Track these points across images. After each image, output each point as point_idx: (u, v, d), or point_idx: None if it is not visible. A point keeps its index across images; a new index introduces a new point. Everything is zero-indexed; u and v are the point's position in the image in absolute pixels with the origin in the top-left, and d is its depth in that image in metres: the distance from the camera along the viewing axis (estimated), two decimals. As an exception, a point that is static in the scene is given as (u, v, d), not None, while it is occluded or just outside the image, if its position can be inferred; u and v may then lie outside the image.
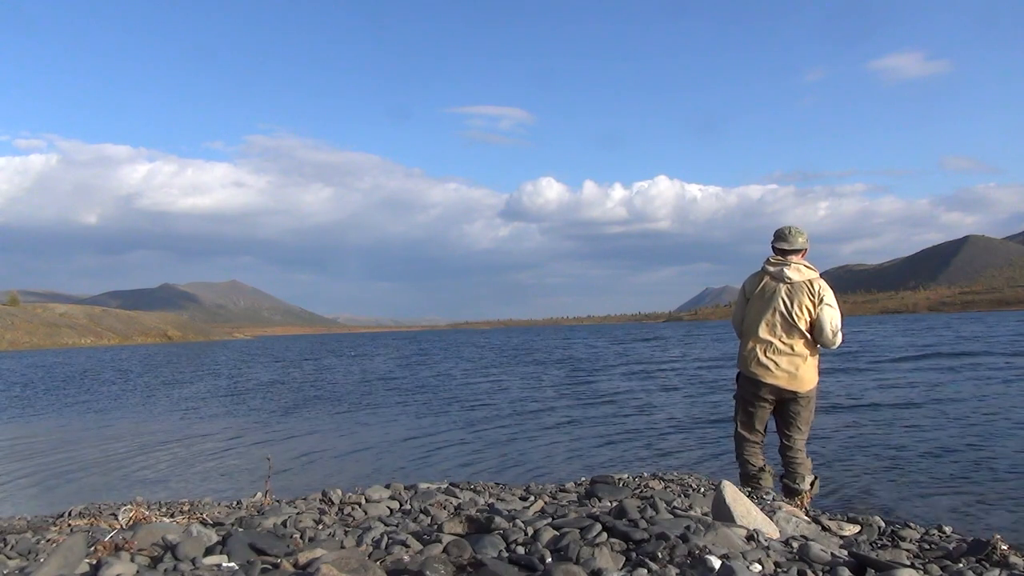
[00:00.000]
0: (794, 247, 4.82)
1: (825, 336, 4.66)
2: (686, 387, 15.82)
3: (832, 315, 4.67)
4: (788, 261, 4.79)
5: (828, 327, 4.64)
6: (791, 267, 4.75)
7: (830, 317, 4.65)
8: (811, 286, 4.70)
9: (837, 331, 4.67)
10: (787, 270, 4.74)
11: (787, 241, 4.83)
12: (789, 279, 4.71)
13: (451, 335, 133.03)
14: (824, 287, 4.71)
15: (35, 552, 2.91)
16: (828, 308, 4.66)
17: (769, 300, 4.78)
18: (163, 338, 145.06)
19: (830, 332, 4.65)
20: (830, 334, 4.66)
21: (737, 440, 4.98)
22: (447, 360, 33.24)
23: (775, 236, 4.91)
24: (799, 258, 4.82)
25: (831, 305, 4.68)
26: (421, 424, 11.81)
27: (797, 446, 4.83)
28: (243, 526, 3.48)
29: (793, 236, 4.83)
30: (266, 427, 12.35)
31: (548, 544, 2.59)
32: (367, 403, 15.49)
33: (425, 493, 4.69)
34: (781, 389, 4.74)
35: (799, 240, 4.82)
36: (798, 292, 4.70)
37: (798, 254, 4.83)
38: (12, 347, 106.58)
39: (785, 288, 4.73)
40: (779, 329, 4.73)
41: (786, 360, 4.71)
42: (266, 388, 21.01)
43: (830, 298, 4.69)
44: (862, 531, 3.62)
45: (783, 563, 2.48)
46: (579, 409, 12.71)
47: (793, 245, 4.81)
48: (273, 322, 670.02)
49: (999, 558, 2.81)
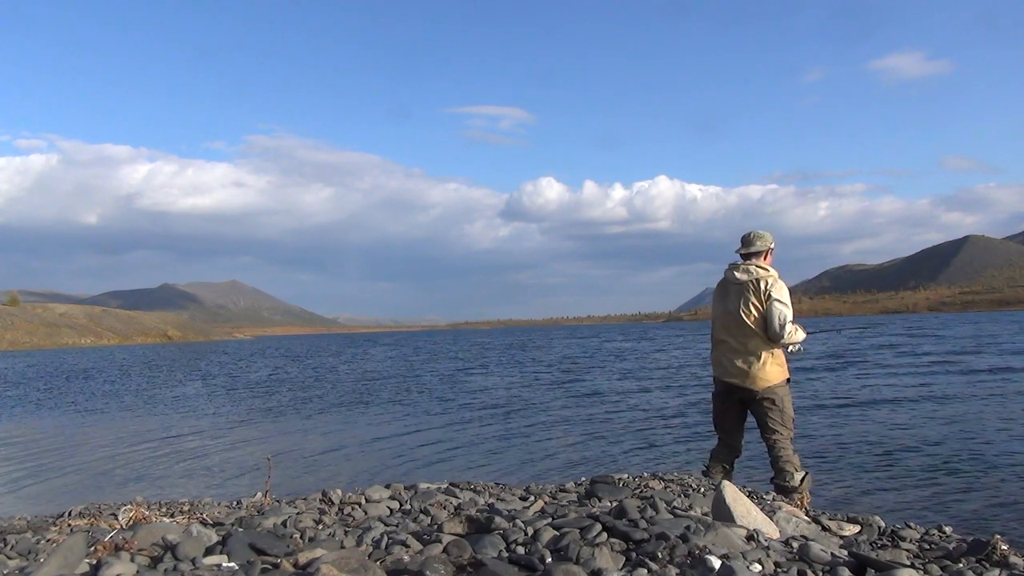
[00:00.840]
0: (751, 250, 5.02)
1: (772, 330, 4.83)
2: (685, 387, 15.82)
3: (779, 310, 4.83)
4: (744, 264, 5.02)
5: (776, 321, 4.81)
6: (740, 269, 4.98)
7: (777, 312, 4.82)
8: (760, 284, 4.90)
9: (784, 324, 4.81)
10: (737, 272, 4.97)
11: (745, 245, 5.05)
12: (738, 280, 4.95)
13: (451, 335, 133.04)
14: (773, 284, 4.90)
15: (35, 552, 2.91)
16: (776, 303, 4.84)
17: (723, 302, 5.05)
18: (163, 338, 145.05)
19: (777, 326, 4.81)
20: (777, 327, 4.81)
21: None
22: (446, 360, 33.25)
23: (740, 241, 5.13)
24: (760, 260, 5.02)
25: (779, 300, 4.85)
26: (421, 424, 11.81)
27: (776, 445, 4.93)
28: (243, 526, 3.48)
29: (751, 240, 5.03)
30: (265, 427, 12.36)
31: (548, 544, 2.59)
32: (367, 403, 15.49)
33: (425, 493, 4.69)
34: (739, 388, 4.94)
35: (757, 243, 5.02)
36: (747, 291, 4.91)
37: (758, 256, 5.03)
38: (12, 347, 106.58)
39: (736, 289, 4.96)
40: (732, 329, 4.96)
41: (740, 359, 4.91)
42: (266, 388, 21.01)
43: (778, 293, 4.86)
44: (862, 531, 3.62)
45: (783, 563, 2.48)
46: (579, 409, 12.71)
47: (750, 248, 5.02)
48: (273, 322, 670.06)
49: (999, 558, 2.81)
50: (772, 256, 5.11)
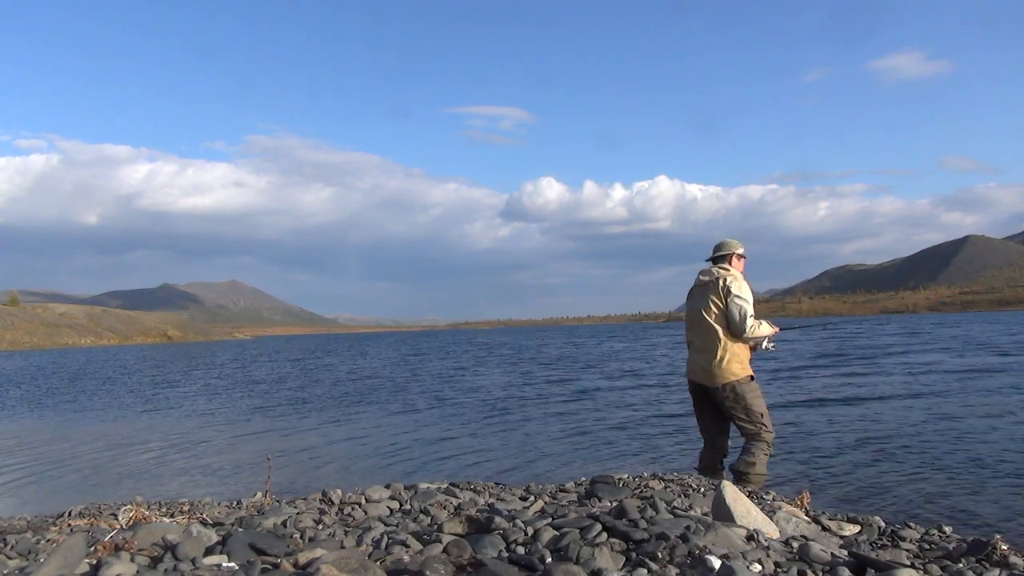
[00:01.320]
0: (717, 255, 5.34)
1: (734, 325, 5.08)
2: (685, 387, 15.80)
3: (738, 304, 5.07)
4: (710, 267, 5.34)
5: (736, 315, 5.06)
6: (705, 272, 5.28)
7: (736, 307, 5.06)
8: (720, 282, 5.15)
9: (744, 318, 5.04)
10: (702, 275, 5.30)
11: (714, 252, 5.39)
12: (702, 282, 5.26)
13: (451, 335, 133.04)
14: (733, 281, 5.14)
15: (35, 552, 2.91)
16: (734, 299, 5.08)
17: (690, 304, 5.38)
18: (163, 338, 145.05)
19: (737, 319, 5.05)
20: (737, 320, 5.05)
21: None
22: (445, 360, 33.25)
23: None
24: (726, 263, 5.31)
25: (738, 296, 5.08)
26: (420, 424, 11.81)
27: (745, 437, 5.13)
28: (243, 526, 3.48)
29: (720, 246, 5.37)
30: (265, 427, 12.35)
31: (548, 544, 2.59)
32: (366, 403, 15.49)
33: (425, 493, 4.69)
34: (701, 385, 5.25)
35: (723, 249, 5.35)
36: (708, 291, 5.18)
37: (725, 260, 5.33)
38: (12, 347, 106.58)
39: (699, 290, 5.27)
40: (697, 329, 5.26)
41: (701, 357, 5.21)
42: (265, 388, 21.01)
43: (737, 289, 5.10)
44: (862, 531, 3.62)
45: (783, 563, 2.48)
46: (578, 409, 12.71)
47: (717, 253, 5.36)
48: (273, 322, 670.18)
49: (999, 558, 2.82)
50: (741, 262, 5.40)
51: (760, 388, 5.26)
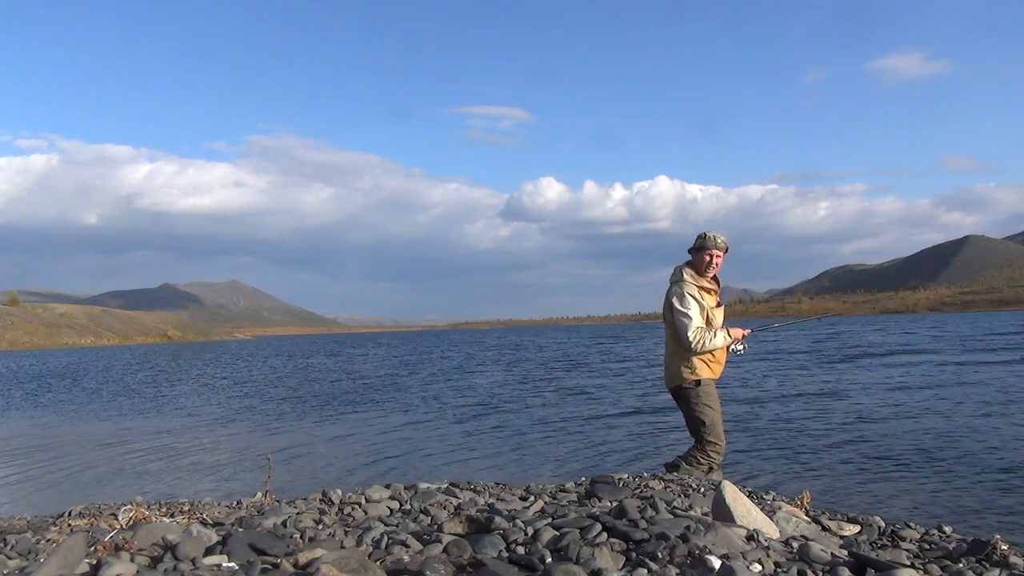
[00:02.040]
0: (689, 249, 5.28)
1: (683, 343, 5.01)
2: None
3: (679, 323, 5.00)
4: (673, 268, 5.29)
5: (680, 334, 5.01)
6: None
7: (680, 325, 5.00)
8: (668, 290, 5.19)
9: (689, 338, 4.94)
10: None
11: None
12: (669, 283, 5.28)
13: (451, 335, 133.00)
14: (673, 292, 5.08)
15: (35, 552, 2.91)
16: (678, 316, 5.02)
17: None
18: (163, 338, 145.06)
19: (683, 342, 4.99)
20: (684, 343, 4.99)
21: None
22: (445, 360, 33.25)
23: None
24: (687, 264, 5.23)
25: (679, 311, 5.00)
26: (421, 424, 11.81)
27: (693, 437, 5.16)
28: (243, 526, 3.48)
29: (699, 237, 5.25)
30: (265, 427, 12.35)
31: (548, 544, 2.59)
32: (366, 403, 15.49)
33: (425, 493, 4.69)
34: (666, 385, 5.31)
35: (696, 243, 5.20)
36: (666, 295, 5.21)
37: (689, 258, 5.24)
38: (12, 347, 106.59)
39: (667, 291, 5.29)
40: (666, 330, 5.29)
41: (665, 357, 5.29)
42: (264, 388, 21.01)
43: (678, 302, 5.03)
44: (862, 531, 3.62)
45: (783, 563, 2.48)
46: (578, 409, 12.70)
47: (690, 248, 5.29)
48: (273, 322, 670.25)
49: (999, 558, 2.81)
50: (704, 258, 5.09)
51: (715, 395, 5.13)
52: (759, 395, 13.53)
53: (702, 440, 5.05)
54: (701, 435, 5.05)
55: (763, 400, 12.74)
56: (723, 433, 5.13)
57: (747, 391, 14.30)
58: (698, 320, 4.97)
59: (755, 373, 18.30)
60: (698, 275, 5.12)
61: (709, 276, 5.15)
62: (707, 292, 5.11)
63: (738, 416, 10.73)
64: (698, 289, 5.06)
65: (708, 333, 4.96)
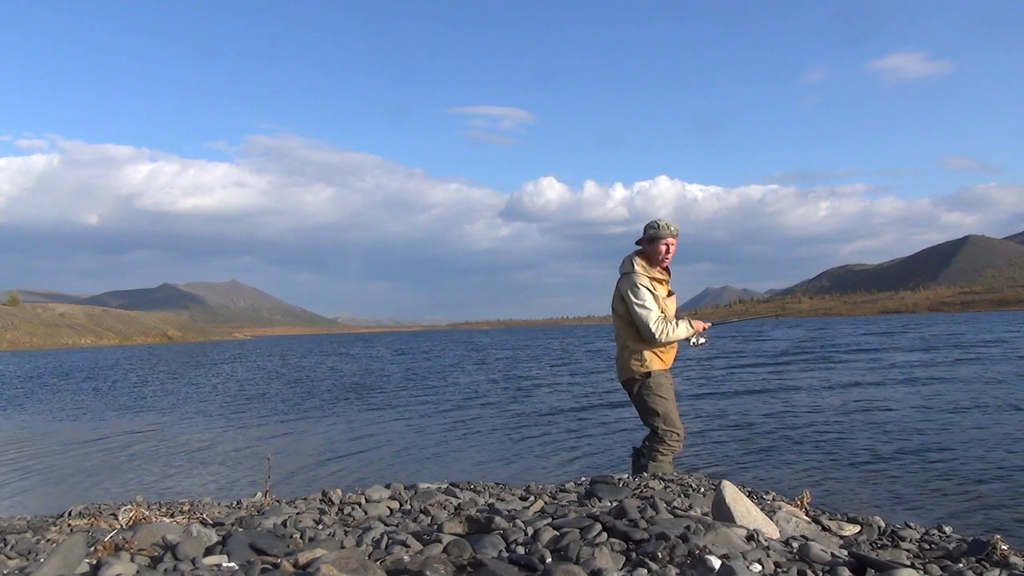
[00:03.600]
0: (638, 239, 5.14)
1: (645, 335, 4.92)
2: (683, 387, 15.82)
3: (638, 314, 4.91)
4: (623, 259, 5.16)
5: (641, 327, 4.92)
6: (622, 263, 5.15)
7: (638, 317, 4.91)
8: (619, 284, 5.08)
9: (651, 329, 4.87)
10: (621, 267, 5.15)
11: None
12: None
13: (451, 335, 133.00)
14: (625, 284, 4.99)
15: (35, 552, 2.91)
16: (635, 307, 4.92)
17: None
18: (163, 338, 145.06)
19: (645, 333, 4.91)
20: (646, 334, 4.91)
21: None
22: (446, 360, 33.25)
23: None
24: (636, 254, 5.10)
25: (636, 302, 4.91)
26: (420, 424, 11.81)
27: (649, 430, 5.09)
28: (243, 526, 3.47)
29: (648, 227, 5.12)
30: (264, 427, 12.35)
31: (548, 544, 2.59)
32: (366, 403, 15.49)
33: (425, 493, 4.69)
34: (618, 379, 5.22)
35: (645, 233, 5.07)
36: (616, 287, 5.11)
37: (640, 247, 5.13)
38: (12, 347, 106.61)
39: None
40: (615, 322, 5.17)
41: (616, 350, 5.20)
42: (264, 388, 21.01)
43: (633, 294, 4.94)
44: (862, 531, 3.61)
45: (783, 563, 2.48)
46: (578, 409, 12.71)
47: (639, 238, 5.15)
48: (273, 322, 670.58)
49: (999, 558, 2.81)
50: (660, 248, 4.99)
51: (667, 385, 5.06)
52: (759, 395, 13.54)
53: (658, 431, 5.00)
54: (656, 426, 5.00)
55: (763, 400, 12.74)
56: (679, 420, 5.07)
57: (747, 391, 14.30)
58: (657, 310, 4.91)
59: (755, 373, 18.31)
60: (650, 265, 5.03)
61: (662, 266, 5.08)
62: (659, 282, 5.05)
63: (738, 416, 10.74)
64: (650, 280, 4.98)
65: (670, 324, 4.92)
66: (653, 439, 5.04)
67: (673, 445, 5.03)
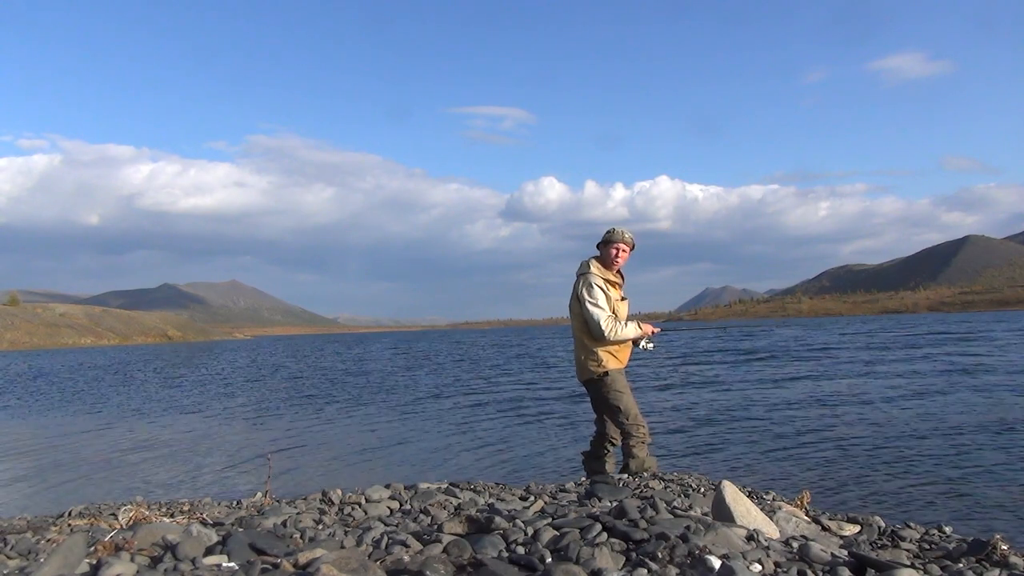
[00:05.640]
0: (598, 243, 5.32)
1: (595, 333, 5.09)
2: (685, 388, 15.82)
3: (590, 312, 5.07)
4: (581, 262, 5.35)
5: (591, 324, 5.09)
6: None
7: (589, 316, 5.08)
8: (575, 283, 5.25)
9: (598, 326, 5.04)
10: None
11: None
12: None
13: (451, 335, 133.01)
14: (582, 284, 5.16)
15: (35, 552, 2.91)
16: (587, 306, 5.10)
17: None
18: (163, 338, 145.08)
19: (595, 331, 5.08)
20: (595, 332, 5.08)
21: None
22: (446, 360, 33.25)
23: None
24: (594, 258, 5.29)
25: (589, 301, 5.09)
26: (420, 424, 11.81)
27: (617, 431, 5.24)
28: (243, 526, 3.48)
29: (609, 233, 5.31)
30: (264, 427, 12.36)
31: (548, 544, 2.59)
32: (366, 403, 15.49)
33: (425, 493, 4.69)
34: (578, 379, 5.35)
35: (604, 238, 5.25)
36: (574, 288, 5.26)
37: (597, 252, 5.33)
38: (12, 347, 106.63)
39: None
40: (572, 324, 5.33)
41: (575, 351, 5.33)
42: (264, 387, 21.01)
43: (587, 293, 5.11)
44: (862, 531, 3.62)
45: (783, 563, 2.48)
46: (578, 409, 12.71)
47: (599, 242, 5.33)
48: (273, 322, 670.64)
49: (999, 558, 2.81)
50: (611, 251, 5.18)
51: (624, 382, 5.21)
52: (759, 395, 13.54)
53: (624, 427, 5.16)
54: (621, 422, 5.16)
55: (763, 400, 12.74)
56: (640, 414, 5.23)
57: (747, 391, 14.30)
58: (608, 310, 5.11)
59: (754, 373, 18.31)
60: (605, 268, 5.24)
61: (615, 270, 5.28)
62: (612, 285, 5.24)
63: (738, 416, 10.74)
64: (604, 281, 5.19)
65: (619, 323, 5.12)
66: (626, 437, 5.19)
67: (642, 437, 5.19)
